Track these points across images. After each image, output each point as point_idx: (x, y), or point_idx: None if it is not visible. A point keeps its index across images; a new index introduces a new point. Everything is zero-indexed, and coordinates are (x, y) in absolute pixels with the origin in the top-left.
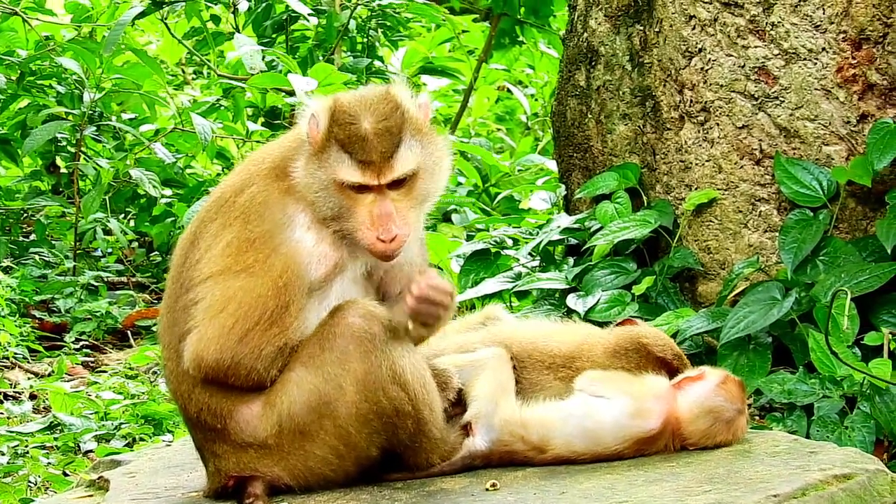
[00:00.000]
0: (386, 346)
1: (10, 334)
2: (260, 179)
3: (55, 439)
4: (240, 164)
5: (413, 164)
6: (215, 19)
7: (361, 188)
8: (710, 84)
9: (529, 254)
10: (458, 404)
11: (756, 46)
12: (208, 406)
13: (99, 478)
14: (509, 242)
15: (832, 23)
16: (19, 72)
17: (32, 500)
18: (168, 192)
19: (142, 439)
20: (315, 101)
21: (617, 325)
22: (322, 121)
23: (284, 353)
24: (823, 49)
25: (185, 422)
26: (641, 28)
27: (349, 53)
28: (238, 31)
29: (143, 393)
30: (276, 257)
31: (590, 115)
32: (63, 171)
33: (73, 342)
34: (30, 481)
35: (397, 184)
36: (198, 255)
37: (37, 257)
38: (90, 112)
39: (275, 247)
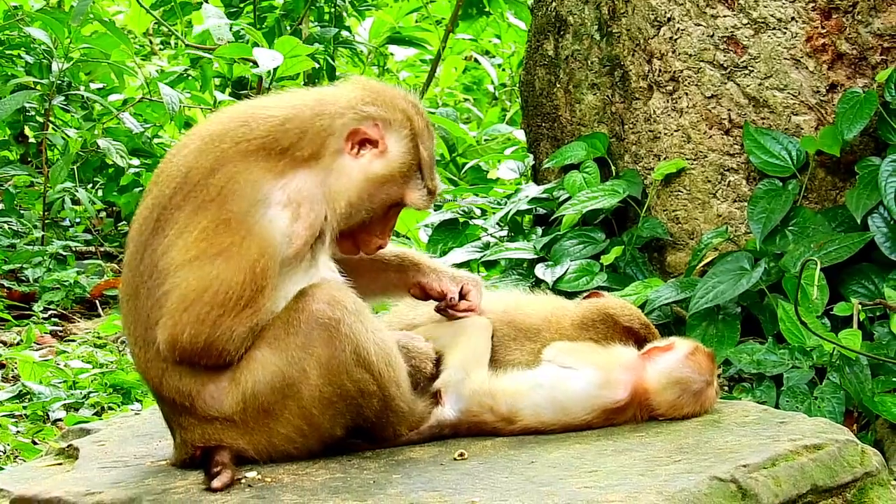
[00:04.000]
0: (350, 329)
1: None
2: (239, 158)
3: (24, 408)
4: (193, 142)
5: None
6: None
7: (397, 207)
8: (679, 53)
9: (497, 224)
10: (434, 378)
11: (725, 16)
12: (178, 388)
13: (68, 446)
14: (477, 212)
15: None
16: None
17: (2, 469)
18: (136, 161)
19: (111, 408)
20: (378, 108)
21: (584, 297)
22: (405, 138)
23: (255, 332)
24: (793, 18)
25: (153, 395)
26: None
27: (316, 23)
28: (206, 1)
29: (112, 362)
30: (251, 240)
31: (558, 85)
32: (31, 140)
33: (41, 311)
34: None
35: None
36: (165, 241)
37: (5, 227)
38: (58, 82)
39: (249, 228)
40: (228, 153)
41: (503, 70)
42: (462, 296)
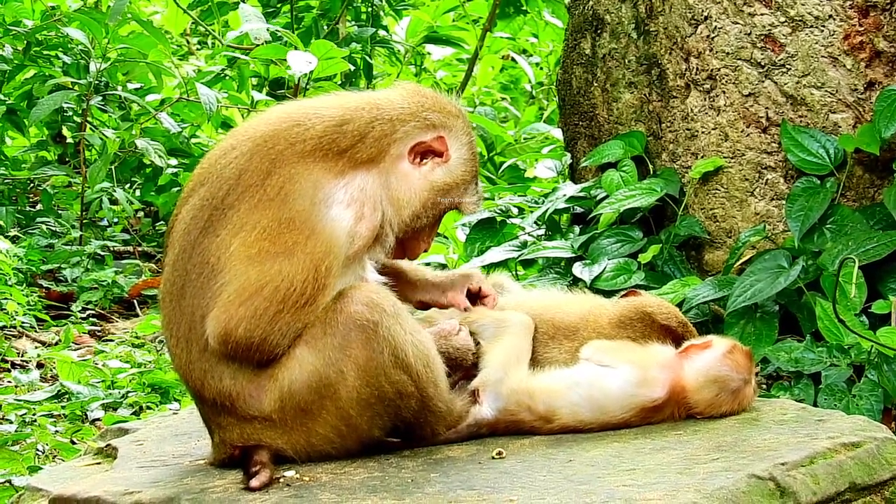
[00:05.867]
0: (388, 332)
1: (18, 303)
2: (296, 159)
3: (63, 408)
4: (243, 143)
5: None
6: None
7: (445, 213)
8: (717, 52)
9: (535, 222)
10: (475, 366)
11: (762, 14)
12: (219, 388)
13: (107, 445)
14: (515, 211)
15: None
16: (25, 42)
17: (41, 468)
18: (174, 161)
19: (149, 407)
20: (440, 116)
21: (622, 296)
22: (464, 145)
23: (308, 326)
24: (830, 16)
25: (192, 395)
26: None
27: (353, 23)
28: (243, 1)
29: (150, 361)
30: (316, 239)
31: (595, 84)
32: (69, 140)
33: (79, 311)
34: (38, 449)
35: None
36: (218, 240)
37: (43, 227)
38: (96, 82)
39: (313, 227)
40: (285, 154)
41: (540, 69)
42: (475, 296)
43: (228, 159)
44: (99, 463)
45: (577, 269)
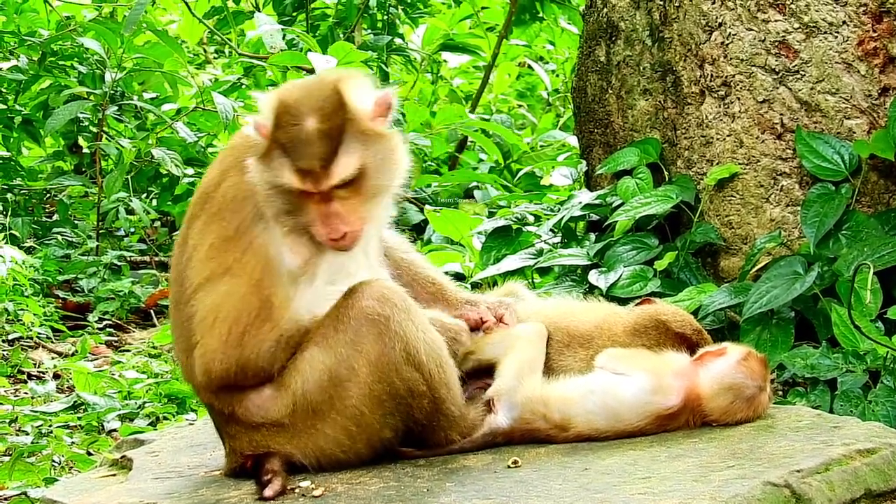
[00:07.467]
0: (400, 327)
1: (34, 314)
2: (234, 171)
3: (79, 419)
4: (222, 151)
5: (353, 167)
6: None
7: (303, 193)
8: (731, 58)
9: (551, 230)
10: (489, 376)
11: (776, 20)
12: (216, 395)
13: (122, 457)
14: (531, 219)
15: None
16: (41, 52)
17: (56, 480)
18: (190, 171)
19: (165, 418)
20: (263, 98)
21: (636, 304)
22: (267, 122)
23: (282, 344)
24: (844, 22)
25: (202, 403)
26: (661, 3)
27: (369, 31)
28: (258, 10)
29: (167, 372)
30: (250, 254)
31: (610, 91)
32: (85, 150)
33: (96, 322)
34: (54, 461)
35: (341, 186)
36: (187, 253)
37: (59, 237)
38: (112, 92)
39: (248, 243)
40: (232, 164)
41: (557, 76)
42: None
43: (209, 170)
44: (114, 474)
45: (593, 277)
